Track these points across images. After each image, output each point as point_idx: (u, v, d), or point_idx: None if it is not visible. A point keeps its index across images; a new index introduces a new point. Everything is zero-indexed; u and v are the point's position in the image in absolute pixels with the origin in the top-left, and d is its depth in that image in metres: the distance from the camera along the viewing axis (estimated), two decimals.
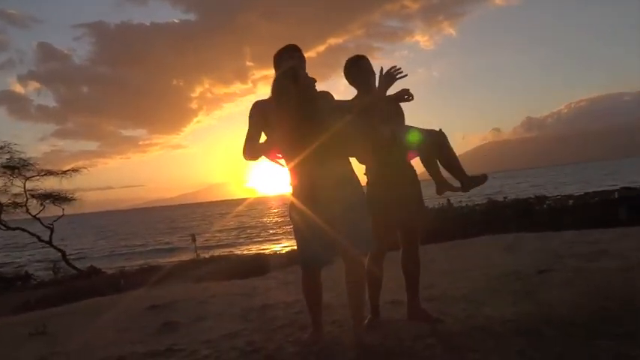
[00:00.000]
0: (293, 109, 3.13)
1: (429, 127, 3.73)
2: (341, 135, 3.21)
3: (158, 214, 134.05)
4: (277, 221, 59.81)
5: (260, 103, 3.41)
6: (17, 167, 18.78)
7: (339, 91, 4.20)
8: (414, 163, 3.81)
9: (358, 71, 3.65)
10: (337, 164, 3.29)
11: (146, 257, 30.25)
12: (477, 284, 4.84)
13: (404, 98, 3.66)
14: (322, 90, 3.35)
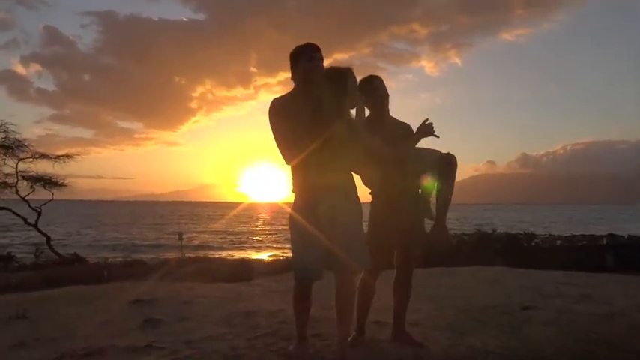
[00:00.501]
0: (316, 104, 3.20)
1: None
2: (349, 150, 3.24)
3: (147, 209, 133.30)
4: (264, 229, 59.65)
5: (277, 100, 3.38)
6: (11, 147, 18.62)
7: None
8: None
9: (372, 91, 3.67)
10: (340, 177, 3.33)
11: (131, 251, 30.10)
12: (462, 314, 4.84)
13: (430, 133, 3.65)
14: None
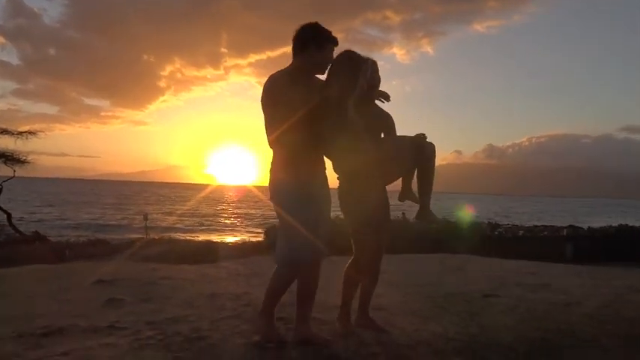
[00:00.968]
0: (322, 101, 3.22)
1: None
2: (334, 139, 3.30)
3: (112, 188, 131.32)
4: (232, 212, 59.37)
5: (282, 76, 3.29)
6: None
7: None
8: None
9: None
10: (323, 165, 3.44)
11: (95, 230, 29.66)
12: (426, 300, 4.92)
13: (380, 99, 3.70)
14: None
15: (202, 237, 24.33)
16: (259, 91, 3.26)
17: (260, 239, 16.56)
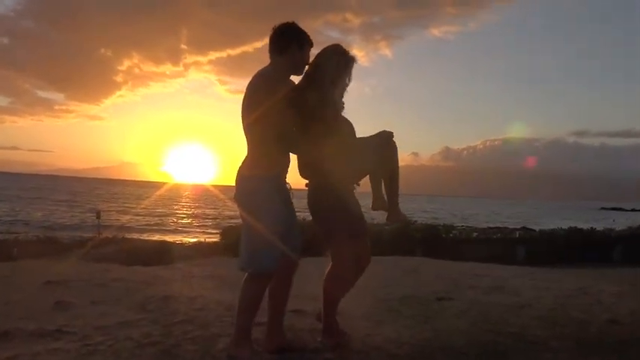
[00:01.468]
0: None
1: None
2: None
3: (65, 184, 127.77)
4: (188, 212, 58.67)
5: (269, 73, 3.22)
6: None
7: None
8: None
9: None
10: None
11: (45, 228, 28.83)
12: (379, 304, 4.93)
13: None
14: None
15: (157, 237, 23.98)
16: (219, 89, 3.25)
17: (216, 240, 16.39)
